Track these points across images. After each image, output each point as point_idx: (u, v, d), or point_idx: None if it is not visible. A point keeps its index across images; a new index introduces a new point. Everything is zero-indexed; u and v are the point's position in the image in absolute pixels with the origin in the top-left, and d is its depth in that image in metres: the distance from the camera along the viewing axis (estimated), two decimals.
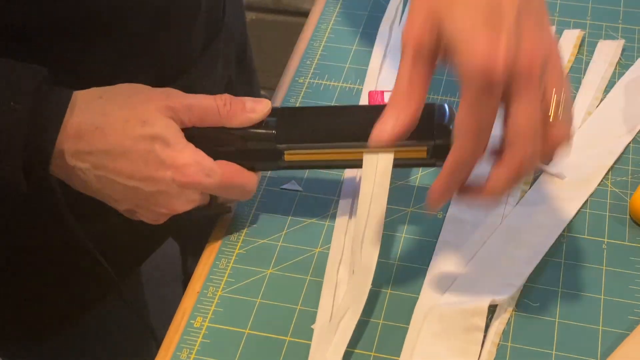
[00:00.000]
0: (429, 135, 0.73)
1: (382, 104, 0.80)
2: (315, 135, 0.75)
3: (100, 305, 0.98)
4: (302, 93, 0.93)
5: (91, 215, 0.83)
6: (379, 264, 0.74)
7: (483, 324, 0.74)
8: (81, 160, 0.73)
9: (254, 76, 1.11)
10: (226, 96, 0.75)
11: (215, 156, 0.75)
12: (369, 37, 0.99)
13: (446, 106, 0.74)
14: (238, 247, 0.81)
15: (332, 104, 0.92)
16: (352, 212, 0.82)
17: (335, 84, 0.94)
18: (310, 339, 0.74)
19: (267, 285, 0.78)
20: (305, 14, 1.07)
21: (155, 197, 0.74)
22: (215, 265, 0.79)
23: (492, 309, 0.75)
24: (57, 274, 0.93)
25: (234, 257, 0.80)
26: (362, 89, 0.93)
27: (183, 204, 0.76)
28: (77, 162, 0.73)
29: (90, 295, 0.97)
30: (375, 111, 0.70)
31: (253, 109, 0.76)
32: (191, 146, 0.74)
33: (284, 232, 0.82)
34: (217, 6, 0.94)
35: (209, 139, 0.75)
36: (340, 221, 0.81)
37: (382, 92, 0.83)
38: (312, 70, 0.95)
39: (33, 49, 0.78)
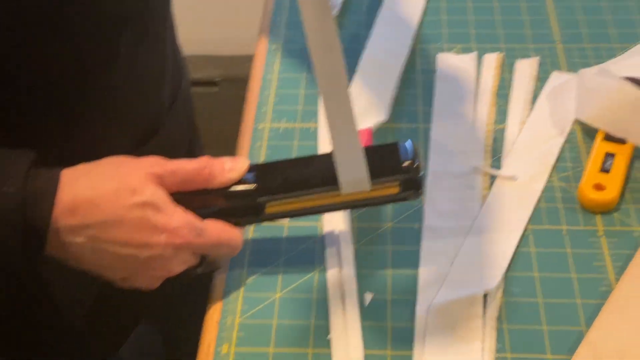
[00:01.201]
0: (399, 170, 0.81)
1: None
2: (293, 186, 0.82)
3: None
4: (266, 137, 1.01)
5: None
6: (377, 276, 0.84)
7: (481, 311, 0.83)
8: (77, 235, 0.76)
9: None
10: (205, 159, 0.81)
11: (200, 217, 0.80)
12: (313, 80, 1.08)
13: (409, 142, 0.83)
14: (244, 276, 0.88)
15: (294, 143, 1.00)
16: (340, 259, 0.89)
17: (294, 125, 1.02)
18: (329, 347, 0.81)
19: (279, 307, 0.85)
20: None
21: (150, 262, 0.79)
22: (226, 295, 0.86)
23: (483, 299, 0.84)
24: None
25: (242, 288, 0.87)
26: (317, 127, 1.02)
27: (177, 266, 0.80)
28: (72, 238, 0.76)
29: None
30: None
31: (232, 168, 0.82)
32: (180, 209, 0.79)
33: (281, 259, 0.89)
34: (176, 64, 1.01)
35: (193, 201, 0.81)
36: (332, 272, 0.88)
37: (368, 130, 0.91)
38: (269, 116, 1.03)
39: (22, 131, 0.82)
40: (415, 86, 1.07)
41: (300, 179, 0.82)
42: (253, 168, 0.83)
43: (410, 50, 1.11)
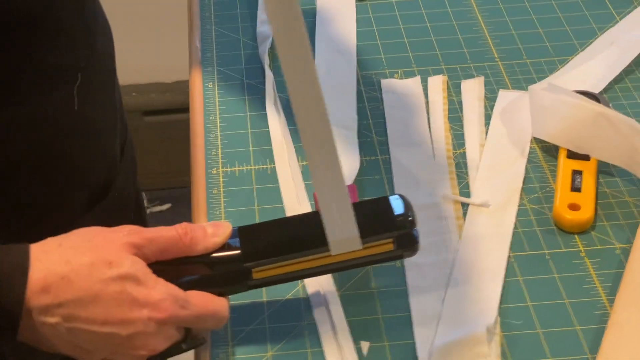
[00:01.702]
0: (392, 226, 0.78)
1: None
2: (281, 249, 0.77)
3: None
4: (221, 182, 0.96)
5: None
6: (368, 323, 0.82)
7: (486, 350, 0.80)
8: (50, 315, 0.70)
9: None
10: (185, 224, 0.76)
11: (182, 288, 0.75)
12: (259, 118, 1.03)
13: (399, 196, 0.80)
14: (230, 336, 0.83)
15: (254, 187, 0.95)
16: (327, 309, 0.85)
17: (248, 167, 0.98)
18: None
19: None
20: None
21: (132, 340, 0.73)
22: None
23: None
24: None
25: (229, 351, 0.82)
26: (274, 166, 0.97)
27: (161, 342, 0.74)
28: (46, 318, 0.70)
29: None
30: None
31: (215, 233, 0.76)
32: (161, 280, 0.73)
33: (264, 315, 0.84)
34: (122, 115, 0.95)
35: (173, 271, 0.76)
36: (322, 322, 0.84)
37: (352, 186, 0.87)
38: (220, 160, 0.98)
39: None
40: (366, 116, 1.04)
41: (288, 241, 0.78)
42: (236, 232, 0.78)
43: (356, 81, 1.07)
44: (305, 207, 0.92)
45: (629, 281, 0.85)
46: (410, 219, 0.78)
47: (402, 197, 0.80)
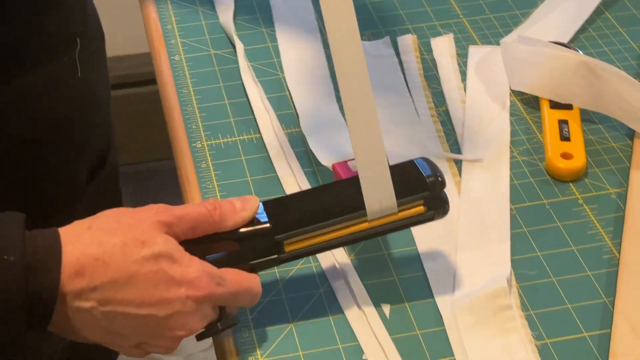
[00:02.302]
0: (424, 187, 0.77)
1: (354, 173, 0.82)
2: (311, 218, 0.75)
3: None
4: (208, 155, 0.93)
5: None
6: (384, 286, 0.81)
7: (509, 302, 0.80)
8: (85, 299, 0.67)
9: None
10: (212, 200, 0.74)
11: (214, 265, 0.73)
12: (233, 89, 1.01)
13: (423, 159, 0.79)
14: (248, 311, 0.81)
15: (243, 158, 0.93)
16: (343, 274, 0.83)
17: (233, 139, 0.95)
18: None
19: (298, 337, 0.79)
20: None
21: (170, 321, 0.70)
22: (240, 337, 0.79)
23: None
24: None
25: (251, 324, 0.80)
26: (260, 137, 0.95)
27: (199, 322, 0.72)
28: (80, 303, 0.67)
29: None
30: (355, 182, 0.75)
31: (243, 207, 0.74)
32: (195, 258, 0.71)
33: (279, 286, 0.83)
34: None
35: (202, 250, 0.73)
36: (340, 289, 0.83)
37: (345, 162, 0.85)
38: (203, 133, 0.96)
39: None
40: None
41: (318, 210, 0.76)
42: (261, 207, 0.76)
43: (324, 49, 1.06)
44: (299, 175, 0.91)
45: (630, 225, 0.87)
46: (440, 179, 0.77)
47: (425, 159, 0.79)
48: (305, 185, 0.90)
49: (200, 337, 0.74)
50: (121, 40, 1.91)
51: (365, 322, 0.79)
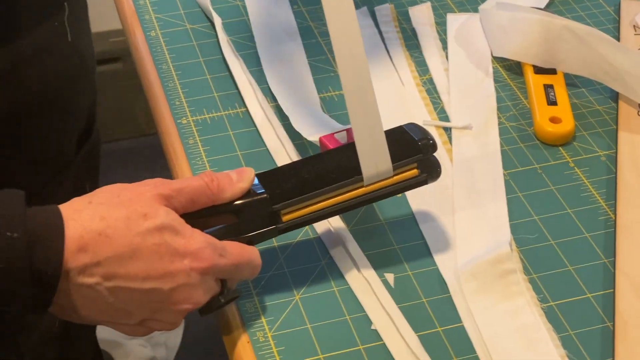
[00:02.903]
0: (417, 150, 0.77)
1: (344, 143, 0.82)
2: (307, 186, 0.75)
3: None
4: (195, 131, 0.92)
5: None
6: (386, 255, 0.81)
7: (513, 266, 0.80)
8: (89, 275, 0.66)
9: None
10: (208, 172, 0.73)
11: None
12: (213, 63, 0.99)
13: (412, 124, 0.79)
14: (251, 286, 0.79)
15: (231, 133, 0.92)
16: (343, 245, 0.83)
17: (219, 114, 0.94)
18: (379, 339, 0.76)
19: (305, 310, 0.78)
20: None
21: (175, 294, 0.69)
22: (245, 312, 0.77)
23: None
24: None
25: (256, 299, 0.79)
26: (246, 110, 0.94)
27: (203, 294, 0.71)
28: (84, 279, 0.66)
29: None
30: (348, 150, 0.75)
31: (240, 179, 0.74)
32: (197, 229, 0.70)
33: (280, 260, 0.82)
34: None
35: (201, 223, 0.72)
36: (341, 259, 0.82)
37: (332, 135, 0.84)
38: (187, 109, 0.94)
39: None
40: (323, 52, 1.01)
41: (314, 178, 0.75)
42: (258, 178, 0.75)
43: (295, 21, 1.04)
44: (289, 147, 0.90)
45: (623, 186, 0.87)
46: (431, 142, 0.77)
47: (414, 124, 0.79)
48: (296, 156, 0.89)
49: (203, 312, 0.73)
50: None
51: (371, 292, 0.79)
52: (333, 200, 0.76)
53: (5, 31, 0.72)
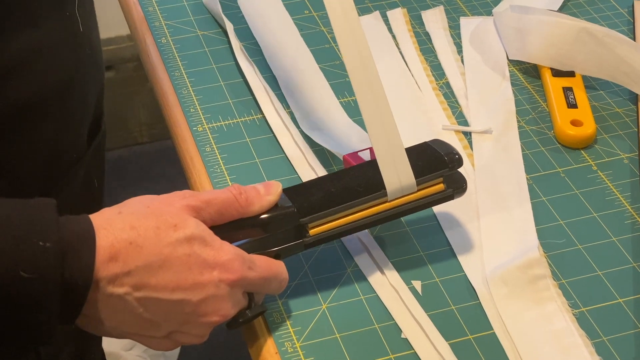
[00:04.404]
0: (442, 164, 0.77)
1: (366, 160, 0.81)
2: (333, 200, 0.74)
3: None
4: (212, 138, 0.90)
5: None
6: (412, 263, 0.80)
7: (543, 271, 0.79)
8: (119, 284, 0.65)
9: None
10: (237, 185, 0.72)
11: None
12: (227, 69, 0.98)
13: (437, 140, 0.79)
14: (278, 298, 0.78)
15: (248, 140, 0.90)
16: (368, 252, 0.82)
17: (235, 120, 0.92)
18: (409, 348, 0.74)
19: (332, 319, 0.76)
20: None
21: (203, 306, 0.68)
22: (272, 322, 0.76)
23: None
24: None
25: (282, 309, 0.77)
26: (262, 117, 0.92)
27: (231, 307, 0.70)
28: (114, 289, 0.65)
29: None
30: (374, 165, 0.75)
31: (268, 192, 0.73)
32: (226, 242, 0.70)
33: (305, 269, 0.80)
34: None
35: (229, 237, 0.71)
36: (367, 267, 0.81)
37: (356, 153, 0.83)
38: (202, 116, 0.92)
39: None
40: (337, 57, 1.00)
41: (339, 192, 0.75)
42: (284, 191, 0.74)
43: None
44: (308, 154, 0.88)
45: None
46: (457, 156, 0.76)
47: (438, 140, 0.79)
48: (317, 164, 0.87)
49: (231, 326, 0.72)
50: None
51: (399, 300, 0.77)
52: (359, 214, 0.75)
53: (18, 21, 0.70)
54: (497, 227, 0.83)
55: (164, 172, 2.04)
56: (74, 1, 0.77)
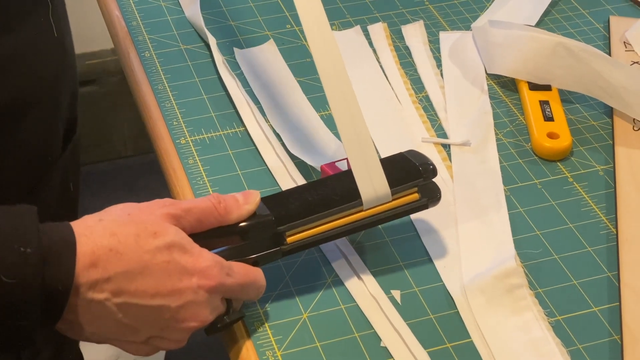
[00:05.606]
0: (417, 174, 0.79)
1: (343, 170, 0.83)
2: (310, 209, 0.76)
3: None
4: (194, 151, 0.91)
5: None
6: (391, 273, 0.82)
7: (520, 281, 0.80)
8: (99, 290, 0.66)
9: None
10: (216, 194, 0.74)
11: None
12: (209, 83, 0.99)
13: (413, 151, 0.81)
14: (259, 308, 0.79)
15: (230, 152, 0.91)
16: (348, 262, 0.83)
17: (217, 133, 0.94)
18: (388, 356, 0.76)
19: (313, 328, 0.77)
20: None
21: (182, 311, 0.70)
22: (254, 331, 0.77)
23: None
24: None
25: (263, 318, 0.78)
26: (244, 130, 0.94)
27: (209, 313, 0.72)
28: (94, 295, 0.66)
29: None
30: (348, 175, 0.77)
31: (246, 201, 0.75)
32: (204, 249, 0.71)
33: (286, 279, 0.81)
34: None
35: (208, 244, 0.73)
36: (347, 277, 0.82)
37: (333, 163, 0.85)
38: (185, 129, 0.94)
39: None
40: (314, 71, 1.01)
41: (316, 201, 0.77)
42: (263, 200, 0.76)
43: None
44: (290, 166, 0.90)
45: (623, 200, 0.88)
46: (431, 166, 0.78)
47: (414, 151, 0.81)
48: (297, 175, 0.89)
49: (209, 332, 0.74)
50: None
51: (379, 309, 0.79)
52: (336, 223, 0.77)
53: None
54: (475, 238, 0.85)
55: (148, 185, 2.06)
56: (48, 7, 0.79)
